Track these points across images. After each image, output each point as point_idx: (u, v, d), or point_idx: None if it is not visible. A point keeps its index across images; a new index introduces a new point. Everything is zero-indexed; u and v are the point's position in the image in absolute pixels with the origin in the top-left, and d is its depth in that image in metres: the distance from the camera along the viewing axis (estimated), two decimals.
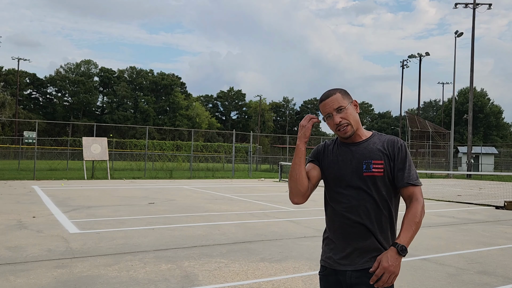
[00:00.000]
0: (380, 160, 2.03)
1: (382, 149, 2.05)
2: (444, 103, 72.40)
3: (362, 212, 2.01)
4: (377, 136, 2.13)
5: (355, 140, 2.10)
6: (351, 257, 2.02)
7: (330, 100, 2.07)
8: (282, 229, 8.13)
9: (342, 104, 2.05)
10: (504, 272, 5.41)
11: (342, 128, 2.06)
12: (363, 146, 2.08)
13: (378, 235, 2.01)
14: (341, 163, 2.08)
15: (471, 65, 35.81)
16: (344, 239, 2.04)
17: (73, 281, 4.59)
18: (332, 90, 2.11)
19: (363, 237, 2.01)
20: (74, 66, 76.30)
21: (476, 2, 35.57)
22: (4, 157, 36.17)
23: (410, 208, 2.00)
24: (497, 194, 17.62)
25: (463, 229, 8.73)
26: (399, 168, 2.04)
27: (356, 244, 2.01)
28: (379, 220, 2.02)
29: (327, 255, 2.11)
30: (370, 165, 2.02)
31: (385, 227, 2.04)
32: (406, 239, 1.92)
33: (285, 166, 25.41)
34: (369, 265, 1.97)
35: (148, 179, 22.35)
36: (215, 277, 4.86)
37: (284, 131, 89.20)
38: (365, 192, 2.02)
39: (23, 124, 55.24)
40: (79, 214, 9.29)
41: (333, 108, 2.05)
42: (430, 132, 40.02)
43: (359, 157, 2.05)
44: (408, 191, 2.03)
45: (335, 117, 2.05)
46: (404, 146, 2.07)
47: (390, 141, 2.08)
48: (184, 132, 66.04)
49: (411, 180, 2.03)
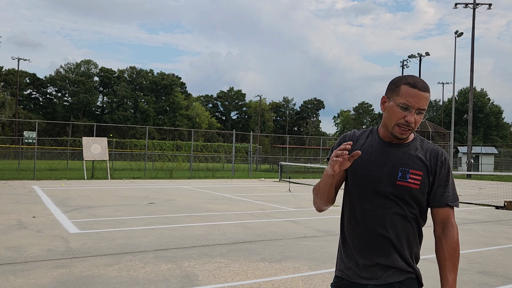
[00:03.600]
0: (419, 171, 1.78)
1: (423, 159, 1.80)
2: (444, 103, 72.40)
3: (388, 224, 1.76)
4: (419, 141, 1.86)
5: (396, 141, 1.83)
6: (372, 270, 1.78)
7: (425, 96, 1.74)
8: (282, 229, 8.13)
9: (425, 108, 1.76)
10: (504, 272, 5.41)
11: (406, 129, 1.76)
12: (403, 150, 1.81)
13: (403, 252, 1.77)
14: (373, 163, 1.81)
15: (471, 65, 35.82)
16: (364, 251, 1.80)
17: (73, 281, 4.59)
18: (427, 85, 1.78)
19: (387, 252, 1.77)
20: (74, 66, 76.30)
21: (476, 2, 35.58)
22: (4, 157, 36.17)
23: (448, 238, 1.78)
24: (497, 194, 17.62)
25: (463, 229, 8.73)
26: (439, 185, 1.81)
27: (378, 259, 1.77)
28: (407, 236, 1.78)
29: (345, 266, 1.86)
30: (406, 174, 1.77)
31: (412, 245, 1.80)
32: (455, 283, 1.75)
33: (285, 166, 25.42)
34: (393, 279, 1.76)
35: (148, 179, 22.35)
36: (215, 277, 4.86)
37: (284, 131, 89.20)
38: (395, 203, 1.77)
39: (23, 124, 55.24)
40: (79, 214, 9.29)
41: (419, 106, 1.74)
42: (430, 132, 40.03)
43: (395, 162, 1.79)
44: (443, 213, 1.81)
45: (412, 115, 1.74)
46: (448, 161, 1.84)
47: (434, 151, 1.83)
48: (184, 132, 66.03)
49: (450, 201, 1.81)
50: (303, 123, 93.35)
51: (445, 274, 1.77)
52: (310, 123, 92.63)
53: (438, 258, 1.81)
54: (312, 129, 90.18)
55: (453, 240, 1.78)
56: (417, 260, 1.85)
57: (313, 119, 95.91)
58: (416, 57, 50.02)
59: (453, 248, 1.77)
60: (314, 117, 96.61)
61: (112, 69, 78.52)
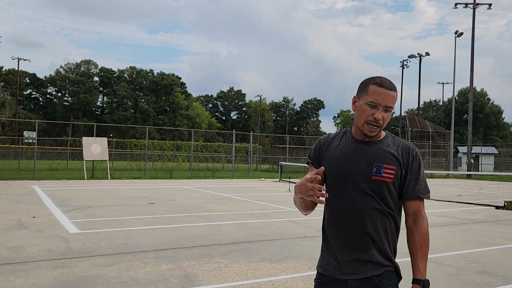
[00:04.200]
0: (392, 165, 1.86)
1: (396, 154, 1.89)
2: (444, 103, 72.39)
3: (367, 220, 1.84)
4: (390, 138, 1.96)
5: (368, 139, 1.92)
6: (353, 265, 1.85)
7: (391, 94, 1.84)
8: (282, 229, 8.13)
9: (393, 106, 1.86)
10: (504, 272, 5.41)
11: (375, 125, 1.86)
12: (376, 147, 1.90)
13: (381, 246, 1.85)
14: (349, 161, 1.89)
15: (471, 65, 35.81)
16: (345, 247, 1.87)
17: (73, 281, 4.59)
18: (394, 85, 1.88)
19: (366, 247, 1.84)
20: (74, 66, 76.29)
21: (476, 2, 35.58)
22: (4, 157, 36.16)
23: (419, 228, 1.88)
24: (497, 194, 17.62)
25: (463, 229, 8.73)
26: (411, 179, 1.89)
27: (357, 254, 1.85)
28: (385, 230, 1.87)
29: (327, 262, 1.93)
30: (381, 169, 1.85)
31: (390, 238, 1.89)
32: (425, 270, 1.85)
33: (285, 166, 25.42)
34: (372, 273, 1.84)
35: (148, 179, 22.35)
36: (215, 277, 4.86)
37: (284, 131, 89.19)
38: (371, 197, 1.84)
39: (23, 124, 55.23)
40: (79, 214, 9.29)
41: (386, 103, 1.84)
42: (430, 132, 40.03)
43: (369, 158, 1.87)
44: (415, 205, 1.90)
45: (380, 113, 1.84)
46: (419, 155, 1.93)
47: (406, 147, 1.92)
48: (184, 132, 66.03)
49: (421, 193, 1.90)
50: (303, 123, 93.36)
51: (416, 262, 1.86)
52: (310, 123, 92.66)
53: (410, 248, 1.90)
54: (312, 129, 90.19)
55: (424, 231, 1.88)
56: (395, 253, 1.93)
57: (313, 119, 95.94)
58: (416, 57, 50.03)
59: (424, 238, 1.87)
60: (314, 117, 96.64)
61: (112, 69, 78.55)
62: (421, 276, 1.84)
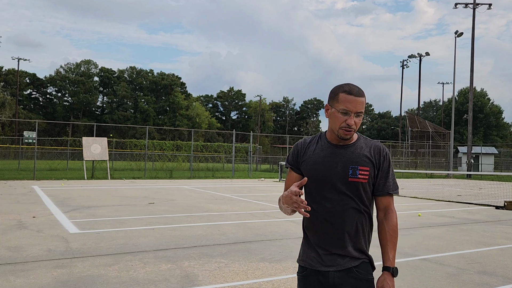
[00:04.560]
0: (366, 167, 2.02)
1: (369, 155, 2.04)
2: (444, 103, 72.40)
3: (346, 219, 2.00)
4: (362, 140, 2.10)
5: (343, 143, 2.06)
6: (332, 258, 2.02)
7: (360, 100, 1.99)
8: (282, 229, 8.13)
9: (363, 110, 2.01)
10: (504, 272, 5.41)
11: (349, 130, 1.99)
12: (350, 150, 2.04)
13: (358, 242, 2.03)
14: (327, 165, 2.03)
15: (471, 65, 35.82)
16: (325, 243, 2.03)
17: (73, 281, 4.59)
18: (362, 91, 2.03)
19: (343, 244, 2.01)
20: (74, 66, 76.30)
21: (476, 2, 35.57)
22: (4, 157, 36.17)
23: (389, 221, 2.07)
24: (497, 194, 17.63)
25: (463, 229, 8.73)
26: (382, 177, 2.06)
27: (335, 250, 2.01)
28: (362, 227, 2.04)
29: (308, 256, 2.08)
30: (356, 171, 2.00)
31: (366, 233, 2.06)
32: (394, 259, 2.04)
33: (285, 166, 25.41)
34: (350, 264, 2.00)
35: (148, 179, 22.35)
36: (215, 277, 4.86)
37: (284, 131, 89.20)
38: (349, 198, 2.00)
39: (23, 124, 55.23)
40: (79, 214, 9.29)
41: (356, 110, 1.98)
42: (430, 132, 40.02)
43: (345, 161, 2.02)
44: (385, 201, 2.08)
45: (352, 119, 1.97)
46: (389, 155, 2.10)
47: (377, 148, 2.07)
48: (184, 132, 66.03)
49: (391, 190, 2.08)
50: (303, 123, 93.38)
51: (386, 252, 2.05)
52: (310, 123, 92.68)
53: (380, 239, 2.09)
54: (312, 129, 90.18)
55: (393, 224, 2.07)
56: (369, 246, 2.11)
57: (313, 119, 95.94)
58: (416, 57, 50.04)
59: (393, 230, 2.06)
60: (314, 117, 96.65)
61: (112, 69, 78.55)
62: (391, 264, 2.02)
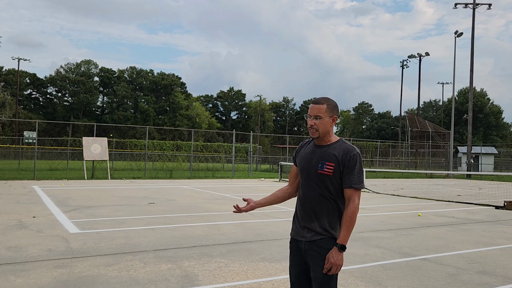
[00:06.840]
0: (331, 163, 2.58)
1: (336, 155, 2.58)
2: (444, 103, 72.39)
3: (312, 200, 2.62)
4: (339, 143, 2.64)
5: (321, 143, 2.66)
6: (304, 231, 2.65)
7: (315, 107, 2.62)
8: (282, 229, 8.13)
9: (320, 114, 2.60)
10: (504, 272, 5.41)
11: (311, 130, 2.63)
12: (324, 149, 2.64)
13: (322, 220, 2.60)
14: (307, 160, 2.67)
15: (471, 65, 35.82)
16: (301, 218, 2.69)
17: (73, 281, 4.59)
18: (323, 99, 2.63)
19: (311, 219, 2.63)
20: (74, 66, 76.31)
21: (475, 2, 35.57)
22: (4, 157, 36.15)
23: (347, 209, 2.56)
24: (497, 194, 17.63)
25: (463, 229, 8.73)
26: (346, 173, 2.57)
27: (306, 223, 2.65)
28: (327, 210, 2.60)
29: (293, 228, 2.78)
30: (323, 165, 2.59)
31: (330, 215, 2.60)
32: (345, 238, 2.54)
33: (285, 166, 25.42)
34: (315, 238, 2.60)
35: (148, 179, 22.35)
36: (215, 277, 4.86)
37: (284, 131, 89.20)
38: (318, 186, 2.61)
39: (23, 124, 55.23)
40: (79, 214, 9.29)
41: (313, 114, 2.61)
42: (430, 132, 40.02)
43: (318, 157, 2.63)
44: (348, 192, 2.58)
45: (311, 120, 2.61)
46: (356, 156, 2.57)
47: (346, 149, 2.59)
48: (184, 132, 66.03)
49: (353, 184, 2.55)
50: (303, 123, 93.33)
51: (340, 232, 2.58)
52: None
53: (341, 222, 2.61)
54: None
55: (350, 211, 2.55)
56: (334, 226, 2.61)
57: None
58: (416, 57, 50.04)
59: (349, 216, 2.54)
60: None
61: (112, 69, 78.54)
62: (340, 241, 2.54)
